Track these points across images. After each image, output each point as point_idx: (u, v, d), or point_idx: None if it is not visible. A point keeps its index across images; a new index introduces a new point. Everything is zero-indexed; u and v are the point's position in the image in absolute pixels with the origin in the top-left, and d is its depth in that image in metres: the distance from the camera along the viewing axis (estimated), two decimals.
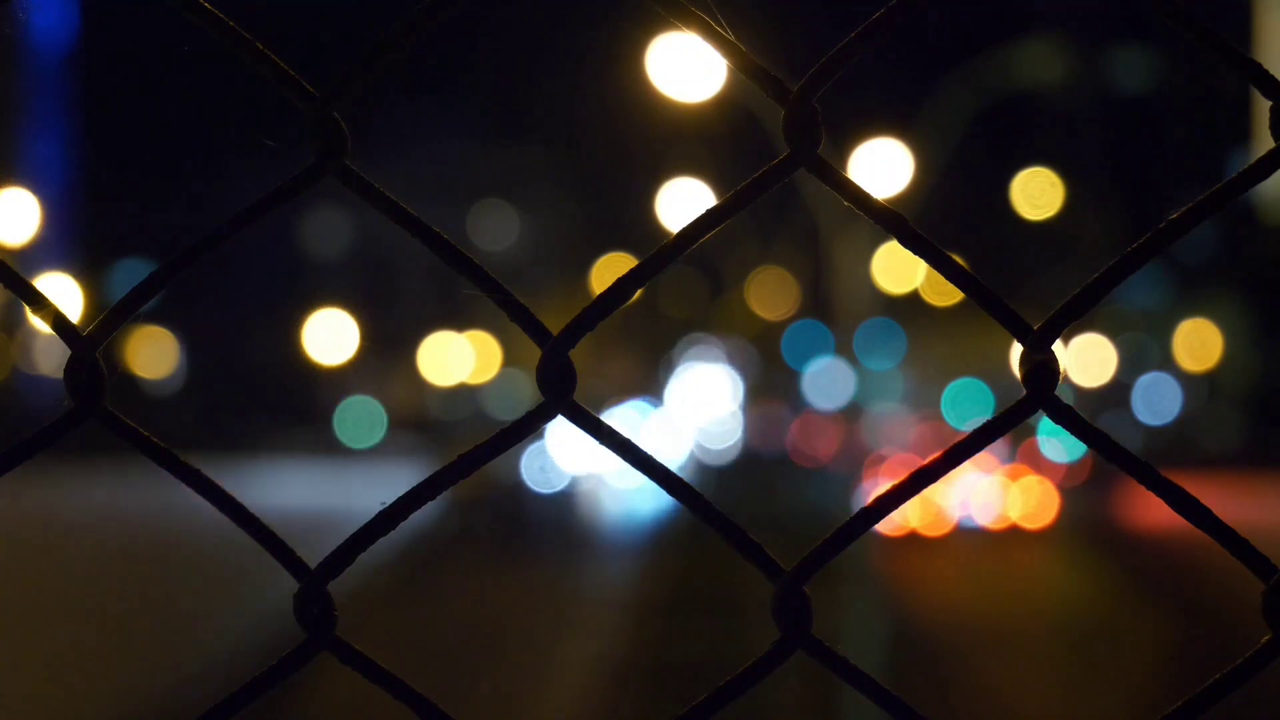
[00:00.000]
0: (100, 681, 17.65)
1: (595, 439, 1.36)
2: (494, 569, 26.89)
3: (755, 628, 7.99)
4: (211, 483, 1.40)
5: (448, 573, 26.04)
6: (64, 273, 43.23)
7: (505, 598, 22.98)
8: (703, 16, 1.32)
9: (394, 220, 1.37)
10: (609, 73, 40.05)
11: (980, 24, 47.42)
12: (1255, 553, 1.35)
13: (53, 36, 50.88)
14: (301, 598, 1.40)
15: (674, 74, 14.80)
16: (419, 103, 52.38)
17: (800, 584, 1.36)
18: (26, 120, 52.31)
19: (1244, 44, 7.53)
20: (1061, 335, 1.35)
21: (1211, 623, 21.11)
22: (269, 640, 17.40)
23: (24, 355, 47.25)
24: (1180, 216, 1.34)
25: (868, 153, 17.75)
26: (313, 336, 52.92)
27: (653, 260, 1.35)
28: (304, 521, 12.26)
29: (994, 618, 23.54)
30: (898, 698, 1.36)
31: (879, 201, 1.35)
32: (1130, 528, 33.20)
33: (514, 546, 30.55)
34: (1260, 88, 1.33)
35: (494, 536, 31.24)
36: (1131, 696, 17.52)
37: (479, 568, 26.91)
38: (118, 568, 25.08)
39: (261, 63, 1.36)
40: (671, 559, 27.83)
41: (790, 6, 39.45)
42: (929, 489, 1.37)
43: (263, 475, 34.52)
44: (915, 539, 32.14)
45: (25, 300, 1.39)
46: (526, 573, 26.29)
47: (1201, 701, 1.36)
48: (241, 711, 1.41)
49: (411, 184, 44.23)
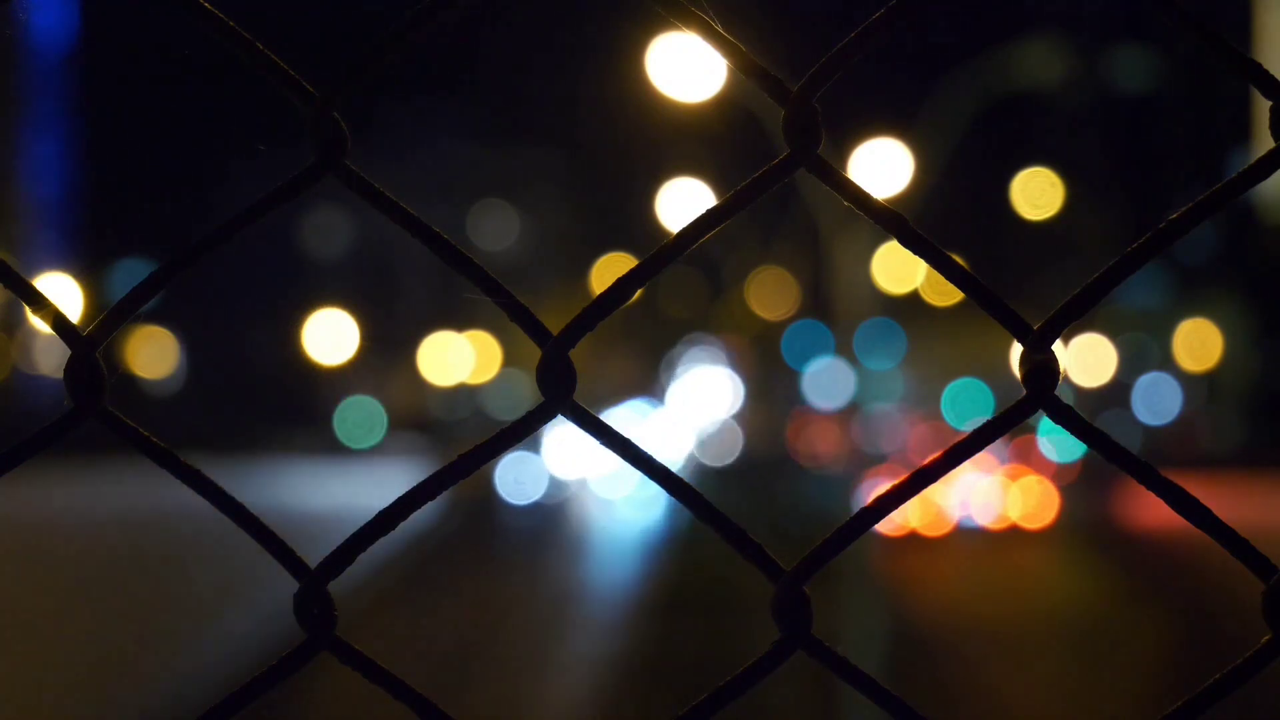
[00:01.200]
0: (100, 681, 17.65)
1: (595, 439, 1.36)
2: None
3: (755, 628, 8.01)
4: (211, 483, 1.40)
5: (441, 576, 26.07)
6: (64, 273, 43.26)
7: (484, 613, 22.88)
8: (703, 16, 1.32)
9: (394, 220, 1.37)
10: (609, 73, 40.07)
11: (980, 24, 47.43)
12: (1255, 553, 1.35)
13: (53, 36, 50.88)
14: (301, 598, 1.40)
15: (674, 74, 14.79)
16: (419, 103, 52.40)
17: (800, 584, 1.36)
18: (26, 120, 52.30)
19: (1244, 44, 7.49)
20: (1061, 335, 1.35)
21: (1211, 623, 21.11)
22: (269, 640, 17.42)
23: (24, 355, 47.27)
24: (1180, 216, 1.34)
25: (868, 153, 17.75)
26: (313, 336, 52.94)
27: (653, 260, 1.35)
28: (303, 522, 12.27)
29: (993, 617, 23.55)
30: (898, 698, 1.36)
31: (879, 201, 1.35)
32: (1130, 527, 33.20)
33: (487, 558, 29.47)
34: (1260, 88, 1.33)
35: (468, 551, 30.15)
36: (1131, 696, 17.52)
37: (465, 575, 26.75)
38: (117, 567, 25.07)
39: (261, 63, 1.36)
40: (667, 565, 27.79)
41: (790, 6, 39.47)
42: (929, 489, 1.37)
43: (262, 475, 34.53)
44: (915, 539, 32.15)
45: (25, 300, 1.39)
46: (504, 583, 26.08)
47: (1201, 701, 1.36)
48: (241, 711, 1.41)
49: (411, 184, 44.25)
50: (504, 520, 35.74)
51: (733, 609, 17.79)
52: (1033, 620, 23.50)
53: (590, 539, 34.81)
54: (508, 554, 30.00)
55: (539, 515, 36.88)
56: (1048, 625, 23.17)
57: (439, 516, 30.25)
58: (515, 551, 30.50)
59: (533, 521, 35.37)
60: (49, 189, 53.25)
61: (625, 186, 50.26)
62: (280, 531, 1.42)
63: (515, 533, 33.72)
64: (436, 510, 26.47)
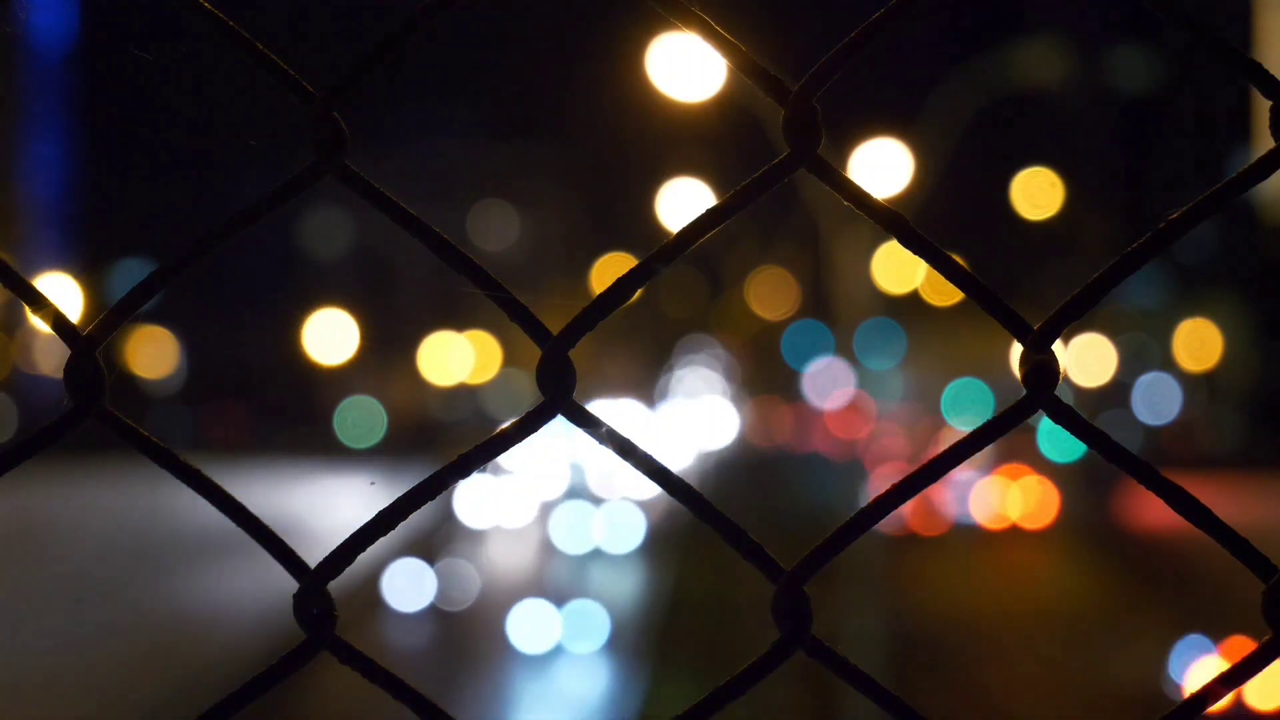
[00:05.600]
0: (100, 681, 17.64)
1: (595, 439, 1.36)
2: None
3: (755, 628, 7.95)
4: (211, 483, 1.40)
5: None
6: (64, 273, 43.24)
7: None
8: (703, 16, 1.32)
9: (394, 220, 1.37)
10: (609, 72, 40.08)
11: (980, 24, 47.45)
12: (1255, 553, 1.35)
13: (53, 36, 50.88)
14: (301, 598, 1.40)
15: (674, 74, 14.80)
16: (419, 102, 52.41)
17: (800, 584, 1.36)
18: (26, 120, 52.30)
19: (1244, 44, 7.50)
20: (1061, 335, 1.35)
21: (1211, 622, 21.10)
22: (269, 640, 17.38)
23: (24, 355, 47.25)
24: (1180, 216, 1.34)
25: (868, 153, 17.75)
26: (313, 336, 52.92)
27: (653, 260, 1.35)
28: (301, 521, 12.22)
29: (992, 617, 23.54)
30: (897, 698, 1.36)
31: (879, 201, 1.35)
32: (1130, 527, 33.19)
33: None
34: (1260, 88, 1.33)
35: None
36: (1132, 696, 17.52)
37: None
38: (117, 567, 25.08)
39: (262, 63, 1.36)
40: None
41: (790, 6, 39.48)
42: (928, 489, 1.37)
43: (263, 475, 34.52)
44: (913, 538, 32.15)
45: (25, 300, 1.39)
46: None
47: (1201, 701, 1.36)
48: (241, 711, 1.41)
49: (411, 184, 44.23)
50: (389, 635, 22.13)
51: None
52: (1032, 620, 23.50)
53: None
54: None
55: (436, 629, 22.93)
56: (1046, 624, 23.17)
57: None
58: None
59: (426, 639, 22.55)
60: (49, 189, 53.27)
61: (625, 187, 50.29)
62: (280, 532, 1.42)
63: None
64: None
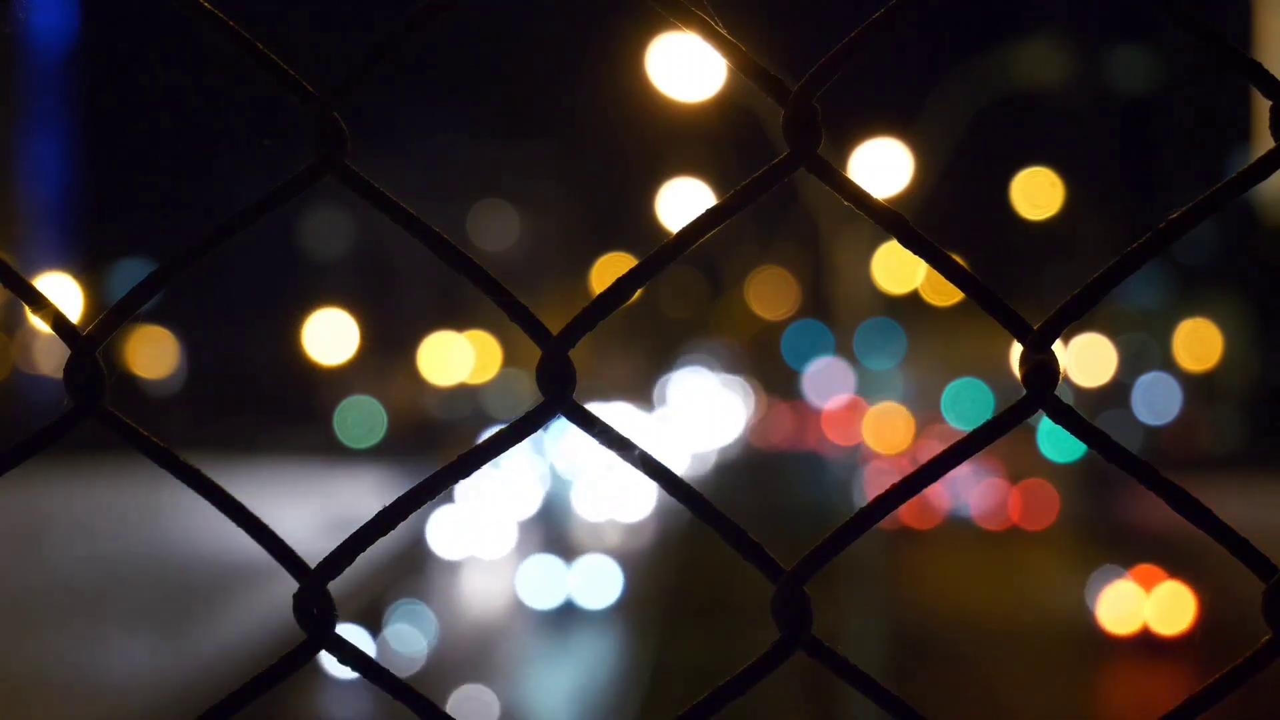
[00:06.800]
0: (100, 681, 17.64)
1: (594, 439, 1.36)
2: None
3: (755, 628, 7.92)
4: (211, 483, 1.40)
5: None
6: (64, 273, 43.22)
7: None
8: (703, 16, 1.32)
9: (394, 220, 1.37)
10: (609, 72, 40.07)
11: (980, 23, 47.44)
12: (1255, 553, 1.35)
13: (53, 36, 50.86)
14: (301, 598, 1.40)
15: (674, 74, 14.80)
16: (419, 102, 52.39)
17: (800, 584, 1.36)
18: (26, 120, 52.28)
19: (1244, 44, 7.52)
20: (1061, 335, 1.35)
21: (1210, 622, 21.10)
22: (269, 640, 17.38)
23: (24, 355, 47.24)
24: (1180, 216, 1.34)
25: (868, 153, 17.76)
26: (313, 336, 52.90)
27: (653, 260, 1.35)
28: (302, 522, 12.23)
29: (991, 617, 23.53)
30: (897, 698, 1.36)
31: (879, 201, 1.35)
32: (1130, 527, 33.18)
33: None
34: (1260, 88, 1.33)
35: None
36: (1131, 696, 17.52)
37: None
38: (117, 567, 25.07)
39: (263, 63, 1.36)
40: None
41: (790, 6, 39.46)
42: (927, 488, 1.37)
43: (262, 475, 34.50)
44: (906, 532, 32.15)
45: (25, 300, 1.39)
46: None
47: (1202, 701, 1.36)
48: (241, 711, 1.41)
49: (411, 184, 44.22)
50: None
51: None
52: (1032, 619, 23.49)
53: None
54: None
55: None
56: (1045, 624, 23.16)
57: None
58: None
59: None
60: (49, 189, 53.26)
61: (625, 186, 50.29)
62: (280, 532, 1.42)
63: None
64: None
